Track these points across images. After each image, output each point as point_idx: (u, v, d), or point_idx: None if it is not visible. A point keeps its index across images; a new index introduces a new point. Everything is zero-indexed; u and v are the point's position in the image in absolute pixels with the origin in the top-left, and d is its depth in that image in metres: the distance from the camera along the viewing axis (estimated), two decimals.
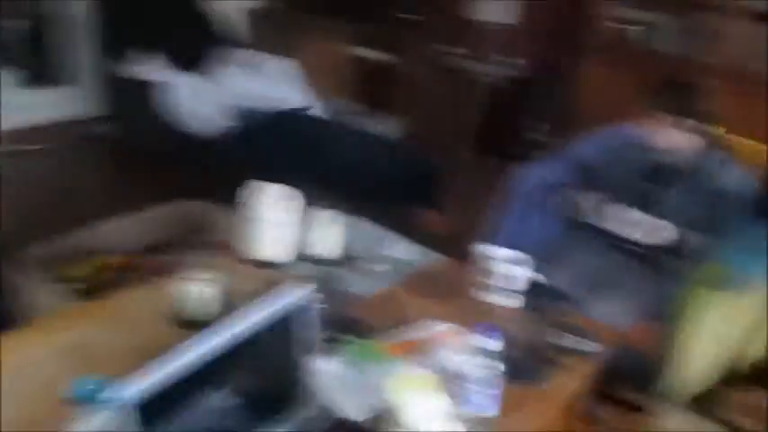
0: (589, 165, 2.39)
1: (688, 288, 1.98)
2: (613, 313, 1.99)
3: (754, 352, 2.34)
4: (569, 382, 1.52)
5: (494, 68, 3.96)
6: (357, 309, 1.66)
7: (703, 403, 2.31)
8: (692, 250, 2.05)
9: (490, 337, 1.32)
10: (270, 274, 1.64)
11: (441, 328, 1.56)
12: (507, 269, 1.75)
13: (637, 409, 2.29)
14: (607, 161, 2.33)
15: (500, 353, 1.30)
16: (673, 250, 2.08)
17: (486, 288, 1.77)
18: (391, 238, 2.03)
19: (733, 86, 2.19)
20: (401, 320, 1.63)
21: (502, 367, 1.30)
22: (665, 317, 2.06)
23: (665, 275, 2.08)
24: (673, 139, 2.07)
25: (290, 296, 1.27)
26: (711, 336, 2.06)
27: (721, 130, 2.21)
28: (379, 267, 1.87)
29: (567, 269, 2.11)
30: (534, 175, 2.41)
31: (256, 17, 3.70)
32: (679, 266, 2.06)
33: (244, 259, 1.69)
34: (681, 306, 2.02)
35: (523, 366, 1.45)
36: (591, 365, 1.59)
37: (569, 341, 1.57)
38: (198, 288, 1.49)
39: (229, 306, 1.46)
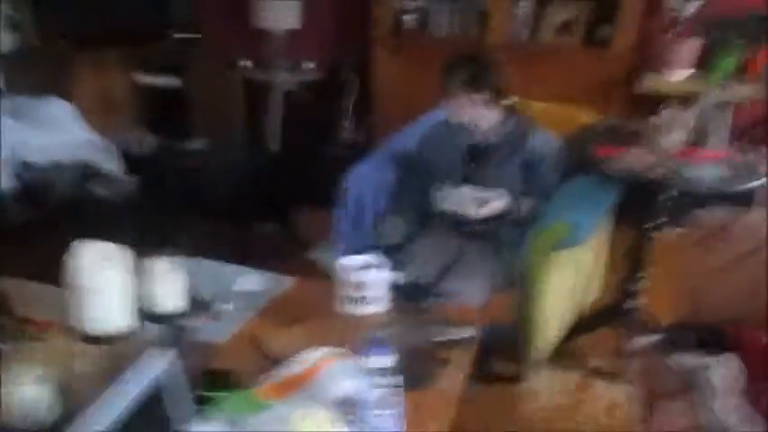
0: (410, 154, 2.42)
1: (530, 252, 2.07)
2: (472, 293, 2.02)
3: (592, 293, 2.55)
4: (459, 375, 1.50)
5: (287, 75, 3.90)
6: (219, 358, 1.51)
7: (562, 356, 2.46)
8: (524, 216, 2.16)
9: (376, 352, 1.25)
10: (112, 347, 1.43)
11: (319, 354, 1.46)
12: (363, 276, 1.69)
13: (512, 379, 2.38)
14: (426, 147, 2.38)
15: (391, 367, 1.24)
16: (508, 219, 2.17)
17: (348, 300, 1.71)
18: (238, 271, 1.88)
19: (512, 57, 2.34)
20: (270, 358, 1.51)
21: (397, 382, 1.24)
22: (516, 285, 2.15)
23: (506, 245, 2.17)
24: (477, 113, 2.16)
25: (149, 367, 1.10)
26: (559, 292, 2.18)
27: (515, 98, 2.35)
28: (230, 306, 1.72)
29: (418, 261, 2.11)
30: (360, 176, 2.39)
31: (14, 60, 3.25)
32: (517, 233, 2.15)
33: (77, 337, 1.45)
34: (527, 271, 2.11)
35: (412, 372, 1.40)
36: (471, 351, 1.59)
37: (446, 334, 1.55)
38: (26, 390, 1.24)
39: (71, 399, 1.24)
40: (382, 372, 1.24)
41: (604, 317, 2.50)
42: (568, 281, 2.22)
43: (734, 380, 1.52)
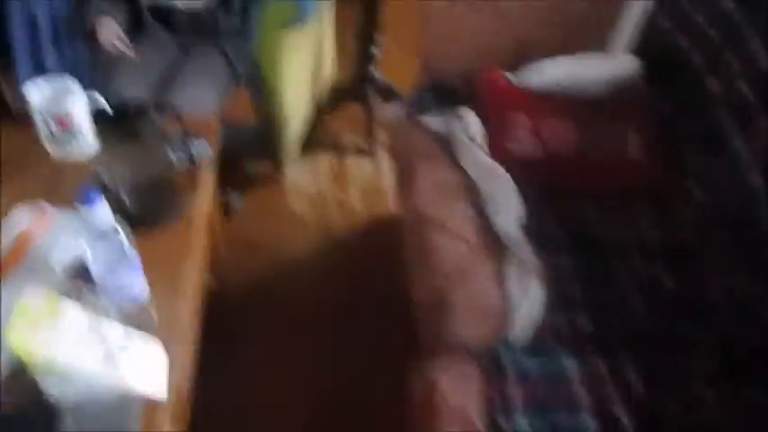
0: None
1: (260, 39, 1.84)
2: (203, 100, 1.78)
3: (328, 74, 2.42)
4: (204, 196, 1.32)
5: None
6: None
7: (314, 142, 2.38)
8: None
9: (92, 203, 0.99)
10: None
11: (27, 216, 1.16)
12: (62, 106, 1.35)
13: (270, 178, 2.26)
14: None
15: (115, 219, 1.01)
16: (222, 7, 1.85)
17: (51, 140, 1.37)
18: None
19: None
20: None
21: (128, 231, 1.01)
22: (250, 78, 1.93)
23: (229, 36, 1.89)
24: None
25: None
26: (296, 75, 2.02)
27: None
28: None
29: (129, 75, 1.77)
30: None
31: None
32: (238, 21, 1.88)
33: None
34: (260, 60, 1.89)
35: (148, 211, 1.19)
36: (212, 166, 1.40)
37: (177, 154, 1.32)
38: None
39: None
40: (105, 225, 1.00)
41: (345, 93, 2.42)
42: (304, 62, 2.06)
43: (477, 129, 1.54)
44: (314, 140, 2.38)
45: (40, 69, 1.84)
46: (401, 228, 1.57)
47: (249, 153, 2.26)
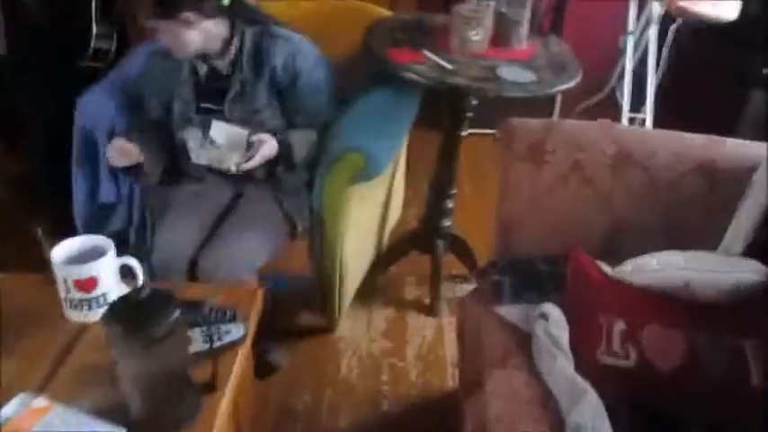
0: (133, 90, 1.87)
1: (322, 191, 1.69)
2: (253, 250, 1.63)
3: (395, 220, 2.25)
4: (229, 392, 1.11)
5: None
6: None
7: (370, 290, 2.18)
8: (301, 152, 1.72)
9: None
10: None
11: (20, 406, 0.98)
12: (88, 268, 1.20)
13: (318, 331, 2.06)
14: (146, 82, 1.84)
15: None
16: (283, 160, 1.71)
17: (70, 304, 1.21)
18: None
19: None
20: None
21: None
22: (308, 230, 1.78)
23: (287, 187, 1.76)
24: (180, 40, 1.64)
25: None
26: (359, 228, 1.85)
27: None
28: None
29: (171, 231, 1.64)
30: (92, 104, 1.81)
31: None
32: (296, 179, 1.76)
33: None
34: (320, 212, 1.74)
35: (158, 411, 0.99)
36: (244, 349, 1.20)
37: (207, 338, 1.13)
38: None
39: None
40: None
41: (412, 242, 2.23)
42: (370, 214, 1.90)
43: (562, 331, 1.30)
44: (372, 290, 2.18)
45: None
46: (460, 413, 1.32)
47: (299, 304, 2.07)
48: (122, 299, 0.99)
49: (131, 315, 0.94)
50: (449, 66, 1.75)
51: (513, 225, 1.59)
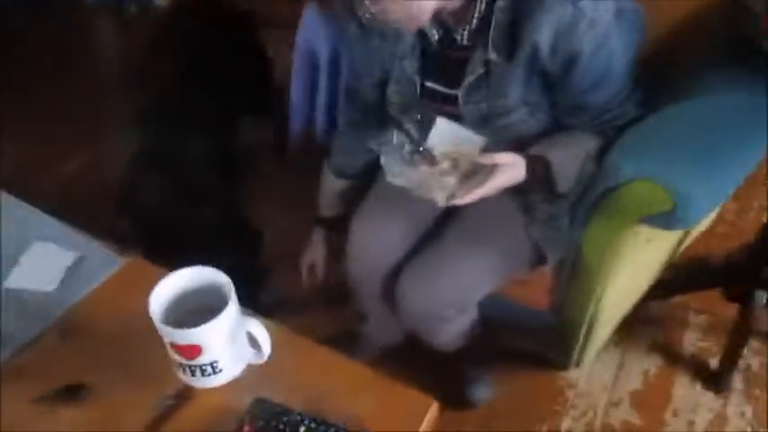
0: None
1: (590, 226, 1.10)
2: (477, 275, 1.14)
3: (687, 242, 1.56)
4: None
5: None
6: None
7: (633, 327, 1.56)
8: (552, 171, 1.08)
9: None
10: None
11: None
12: (197, 334, 0.80)
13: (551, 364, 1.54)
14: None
15: None
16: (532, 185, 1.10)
17: (182, 369, 0.85)
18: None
19: None
20: None
21: None
22: (560, 265, 1.22)
23: (539, 212, 1.18)
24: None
25: None
26: (631, 276, 1.24)
27: None
28: None
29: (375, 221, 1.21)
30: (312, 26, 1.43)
31: None
32: (557, 209, 1.15)
33: None
34: (582, 247, 1.16)
35: None
36: None
37: None
38: None
39: None
40: None
41: (714, 276, 1.53)
42: (656, 254, 1.26)
43: None
44: (638, 324, 1.57)
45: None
46: None
47: (527, 340, 1.54)
48: None
49: None
50: None
51: None
